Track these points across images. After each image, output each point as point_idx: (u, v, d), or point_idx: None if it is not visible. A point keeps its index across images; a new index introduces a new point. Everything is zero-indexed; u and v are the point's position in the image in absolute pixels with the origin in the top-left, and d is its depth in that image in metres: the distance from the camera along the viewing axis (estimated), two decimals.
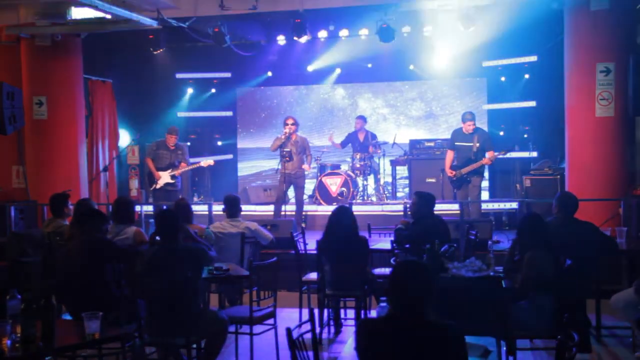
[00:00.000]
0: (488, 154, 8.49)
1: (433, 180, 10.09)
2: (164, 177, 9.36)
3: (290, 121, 9.25)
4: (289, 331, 3.08)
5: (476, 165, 8.53)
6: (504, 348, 4.46)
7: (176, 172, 9.42)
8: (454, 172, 8.68)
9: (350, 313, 6.41)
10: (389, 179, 11.45)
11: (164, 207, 8.29)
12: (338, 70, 12.34)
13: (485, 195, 9.09)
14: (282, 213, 9.27)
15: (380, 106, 12.70)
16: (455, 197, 8.98)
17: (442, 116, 12.36)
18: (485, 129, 10.19)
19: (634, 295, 4.87)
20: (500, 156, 8.74)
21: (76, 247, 4.81)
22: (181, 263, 4.44)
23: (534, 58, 10.77)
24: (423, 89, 12.44)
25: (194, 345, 4.57)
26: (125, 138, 11.73)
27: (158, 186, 9.37)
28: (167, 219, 4.70)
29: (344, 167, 11.21)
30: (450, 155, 8.87)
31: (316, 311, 5.58)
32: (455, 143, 8.78)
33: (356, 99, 12.79)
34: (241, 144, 13.01)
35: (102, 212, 5.30)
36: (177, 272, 4.38)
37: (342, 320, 6.27)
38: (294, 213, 9.47)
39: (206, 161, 9.77)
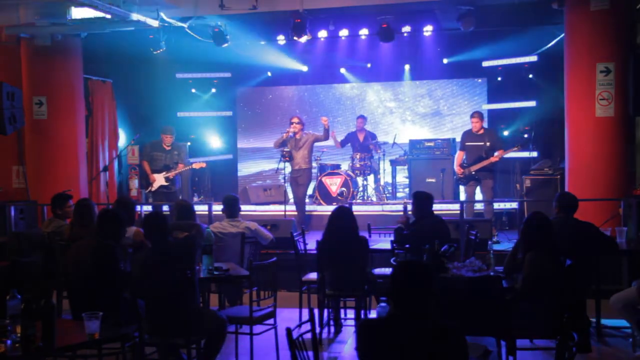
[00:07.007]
0: (497, 153, 8.68)
1: (433, 180, 10.09)
2: (159, 180, 9.27)
3: (295, 120, 9.28)
4: (289, 331, 3.08)
5: (486, 162, 8.74)
6: (504, 348, 4.47)
7: (170, 175, 9.30)
8: (462, 170, 8.84)
9: (350, 313, 6.42)
10: (389, 179, 11.43)
11: (161, 207, 8.28)
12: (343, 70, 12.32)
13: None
14: (283, 213, 9.24)
15: (388, 99, 12.64)
16: (454, 197, 9.00)
17: (448, 116, 12.33)
18: None
19: (634, 295, 4.87)
20: (513, 152, 9.02)
21: (85, 247, 4.75)
22: (175, 261, 4.45)
23: (534, 58, 10.75)
24: (433, 86, 12.40)
25: (194, 345, 4.57)
26: (125, 138, 11.72)
27: (153, 189, 9.31)
28: (154, 220, 4.70)
29: (344, 167, 11.20)
30: (460, 155, 9.18)
31: (316, 311, 5.58)
32: (466, 143, 9.06)
33: (365, 89, 12.72)
34: (241, 144, 12.99)
35: (124, 218, 5.04)
36: (172, 271, 4.38)
37: (342, 320, 6.27)
38: (295, 213, 9.39)
39: (198, 163, 9.73)
